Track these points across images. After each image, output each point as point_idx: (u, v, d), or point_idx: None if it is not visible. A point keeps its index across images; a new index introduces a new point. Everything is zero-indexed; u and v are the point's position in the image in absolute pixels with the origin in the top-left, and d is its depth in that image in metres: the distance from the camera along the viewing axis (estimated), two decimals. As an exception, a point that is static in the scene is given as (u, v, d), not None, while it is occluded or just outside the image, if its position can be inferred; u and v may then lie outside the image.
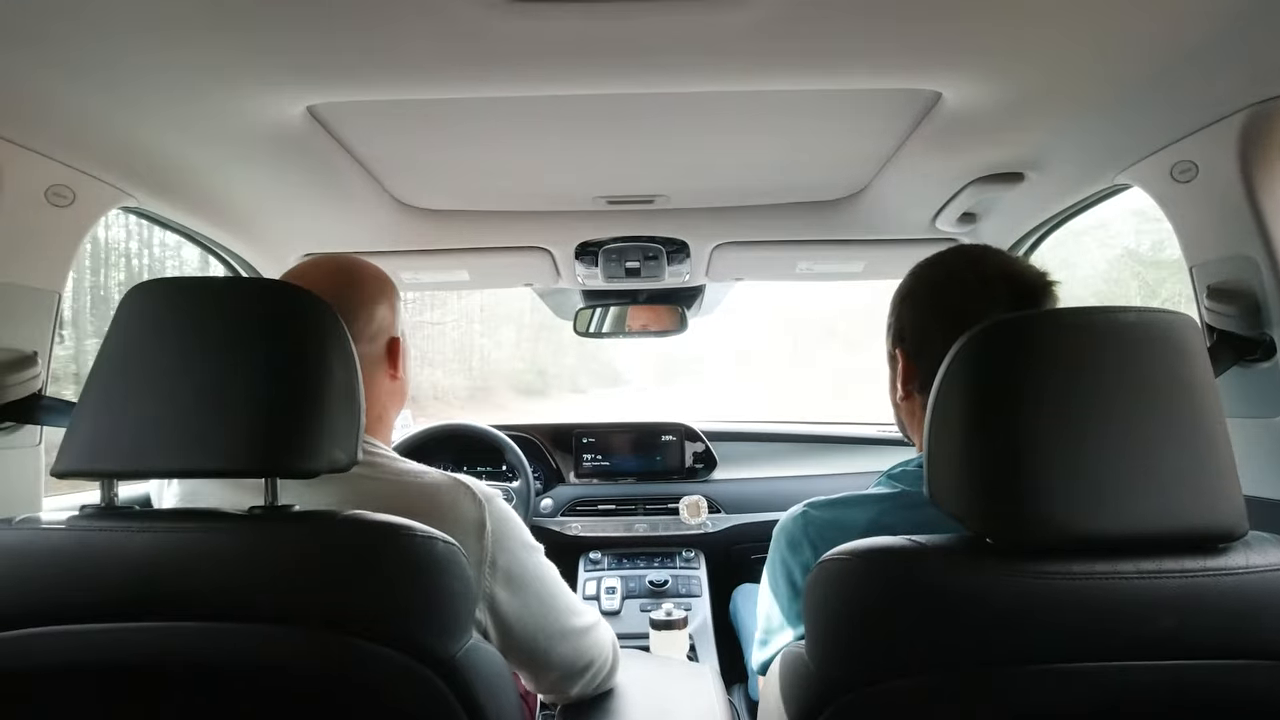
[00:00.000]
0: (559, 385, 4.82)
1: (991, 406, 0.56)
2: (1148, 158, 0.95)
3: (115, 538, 0.58)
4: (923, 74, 0.80)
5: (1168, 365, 0.56)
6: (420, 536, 0.60)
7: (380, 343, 0.85)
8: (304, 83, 0.79)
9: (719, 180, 1.24)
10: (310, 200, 1.19)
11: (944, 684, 0.54)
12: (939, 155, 1.05)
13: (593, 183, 1.24)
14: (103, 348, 0.61)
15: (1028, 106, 0.87)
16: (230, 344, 0.60)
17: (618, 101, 0.90)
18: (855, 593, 0.58)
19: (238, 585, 0.57)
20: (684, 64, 0.76)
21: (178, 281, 0.64)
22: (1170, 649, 0.53)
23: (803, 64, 0.77)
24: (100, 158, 0.93)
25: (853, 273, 1.59)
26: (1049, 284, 0.76)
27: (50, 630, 0.56)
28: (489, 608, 0.75)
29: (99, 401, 0.60)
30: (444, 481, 0.76)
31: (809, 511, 0.77)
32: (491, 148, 1.07)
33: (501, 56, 0.74)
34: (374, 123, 0.96)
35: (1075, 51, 0.75)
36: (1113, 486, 0.53)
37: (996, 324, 0.58)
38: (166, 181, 1.04)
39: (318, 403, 0.60)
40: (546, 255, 1.50)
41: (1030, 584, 0.53)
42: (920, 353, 0.80)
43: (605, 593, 1.77)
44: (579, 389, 5.83)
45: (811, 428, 2.17)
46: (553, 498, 1.95)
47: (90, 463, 0.60)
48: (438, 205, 1.35)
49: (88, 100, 0.80)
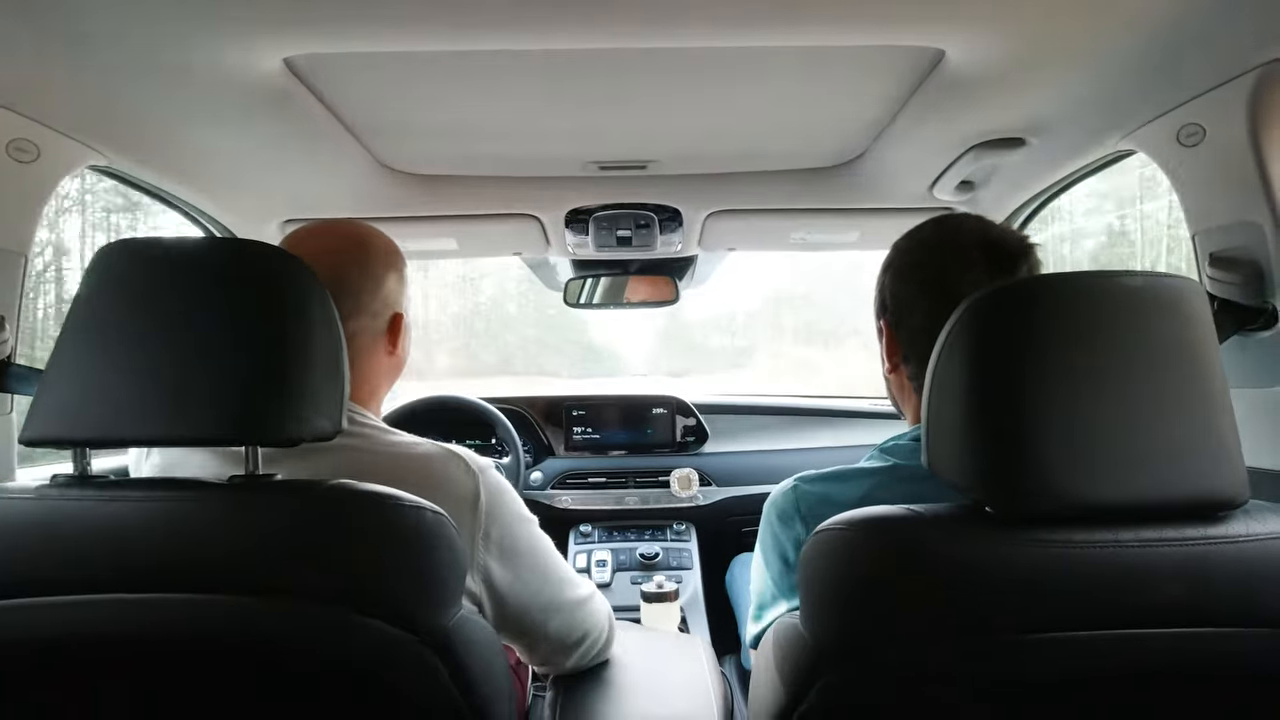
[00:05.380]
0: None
1: (993, 374, 0.55)
2: (1153, 121, 0.93)
3: (85, 507, 0.56)
4: (927, 28, 0.77)
5: (1173, 331, 0.55)
6: (408, 505, 0.59)
7: (384, 317, 0.82)
8: (280, 32, 0.75)
9: (713, 145, 1.21)
10: (290, 162, 1.15)
11: (941, 653, 0.53)
12: (939, 119, 1.03)
13: (583, 147, 1.20)
14: (71, 310, 0.59)
15: (1032, 66, 0.85)
16: (206, 307, 0.58)
17: (609, 60, 0.87)
18: (852, 563, 0.57)
19: (215, 556, 0.55)
20: (678, 13, 0.73)
21: (150, 241, 0.61)
22: (1171, 617, 0.53)
23: (803, 14, 0.74)
24: (65, 112, 0.89)
25: (848, 242, 1.57)
26: (1028, 247, 0.76)
27: (19, 603, 0.54)
28: (483, 580, 0.74)
29: (69, 366, 0.58)
30: (436, 452, 0.74)
31: (799, 485, 0.76)
32: (479, 109, 1.03)
33: (486, 4, 0.70)
34: (356, 79, 0.92)
35: (1083, 10, 0.73)
36: (1114, 454, 0.53)
37: (999, 289, 0.57)
38: (137, 139, 0.99)
39: (298, 368, 0.58)
40: (536, 223, 1.47)
41: (1031, 552, 0.53)
42: (900, 324, 0.79)
43: (596, 565, 1.77)
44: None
45: (803, 401, 2.17)
46: (542, 471, 1.94)
47: (60, 430, 0.58)
48: (423, 170, 1.31)
49: (51, 49, 0.76)
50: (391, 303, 0.83)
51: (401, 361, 0.87)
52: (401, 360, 0.87)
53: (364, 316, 0.79)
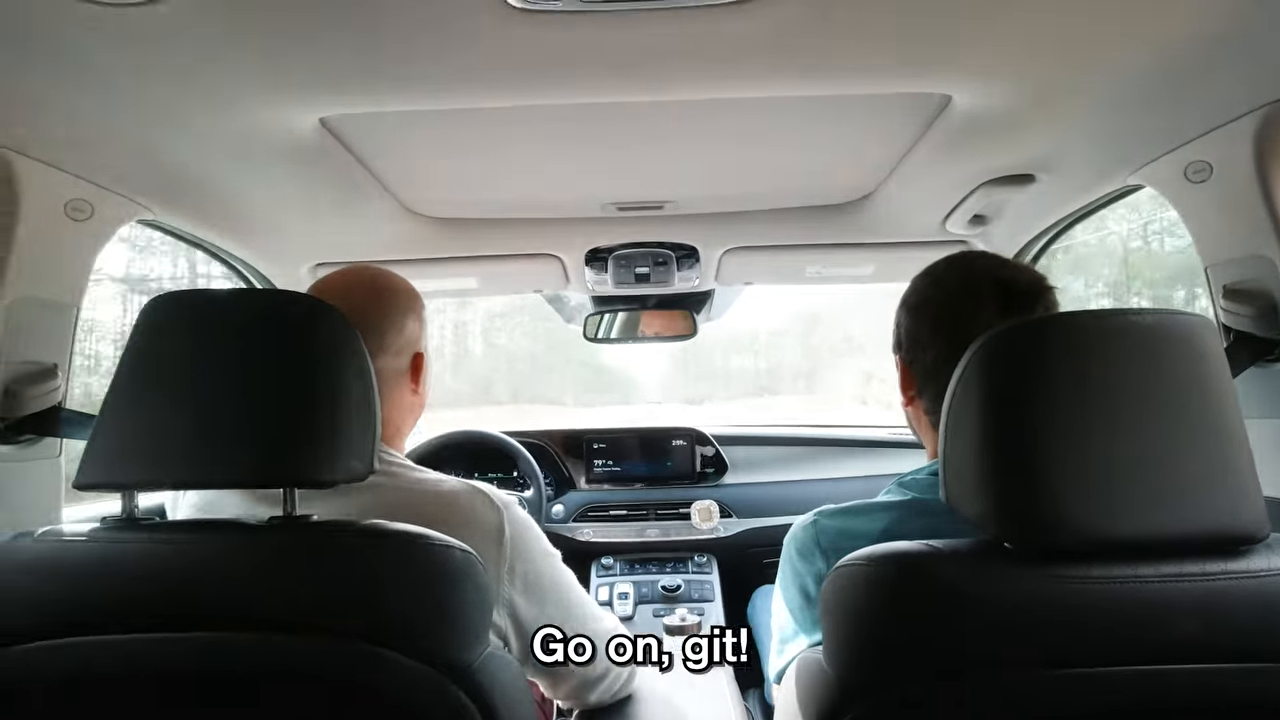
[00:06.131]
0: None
1: (1008, 409, 0.56)
2: (1161, 158, 0.94)
3: (139, 549, 0.59)
4: (933, 77, 0.80)
5: (1186, 368, 0.55)
6: (438, 545, 0.60)
7: (405, 356, 0.85)
8: (317, 95, 0.80)
9: (728, 186, 1.24)
10: (322, 211, 1.20)
11: (961, 688, 0.53)
12: (949, 158, 1.05)
13: (602, 189, 1.24)
14: (122, 359, 0.62)
15: (1039, 108, 0.87)
16: (247, 355, 0.61)
17: (627, 108, 0.91)
18: (873, 598, 0.57)
19: (258, 595, 0.57)
20: (694, 72, 0.77)
21: (196, 293, 0.65)
22: (1192, 653, 0.52)
23: (813, 70, 0.77)
24: (118, 172, 0.94)
25: (863, 275, 1.58)
26: (1044, 289, 0.76)
27: (74, 641, 0.56)
28: (508, 614, 0.75)
29: (120, 413, 0.61)
30: (461, 489, 0.76)
31: (819, 520, 0.77)
32: (502, 156, 1.07)
33: (514, 66, 0.74)
34: (386, 133, 0.97)
35: (1087, 51, 0.75)
36: (1131, 490, 0.53)
37: (1012, 328, 0.58)
38: (181, 194, 1.05)
39: (334, 413, 0.61)
40: (556, 262, 1.50)
41: (1049, 588, 0.53)
42: (914, 360, 0.81)
43: (618, 598, 1.76)
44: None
45: (822, 431, 2.16)
46: (564, 504, 1.95)
47: (112, 475, 0.60)
48: (448, 214, 1.36)
49: (106, 115, 0.81)
50: (413, 343, 0.86)
51: (423, 400, 0.90)
52: (423, 399, 0.90)
53: (388, 355, 0.82)
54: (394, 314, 0.84)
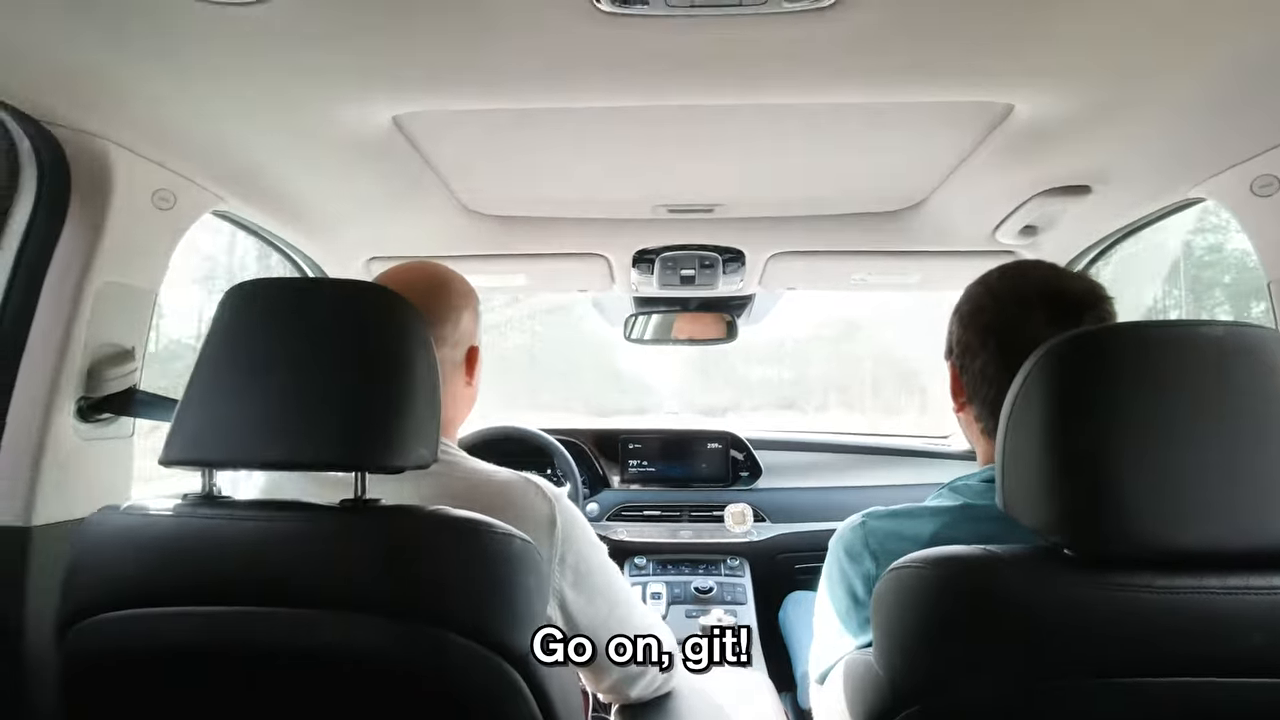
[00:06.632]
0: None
1: (1072, 418, 0.56)
2: (1225, 171, 0.93)
3: (220, 525, 0.61)
4: (997, 85, 0.80)
5: (1256, 380, 0.55)
6: (500, 533, 0.62)
7: (462, 349, 0.88)
8: (399, 93, 0.83)
9: (778, 190, 1.25)
10: (384, 205, 1.23)
11: (1017, 696, 0.53)
12: (1006, 167, 1.05)
13: (656, 191, 1.25)
14: (204, 345, 0.64)
15: (1102, 119, 0.86)
16: (324, 342, 0.63)
17: (689, 110, 0.92)
18: (929, 602, 0.57)
19: (331, 573, 0.60)
20: (772, 76, 0.78)
21: (274, 282, 0.68)
22: (1257, 667, 0.52)
23: (885, 75, 0.77)
24: (201, 162, 0.98)
25: (909, 284, 1.58)
26: (1099, 299, 0.75)
27: (157, 611, 0.59)
28: (558, 603, 0.77)
29: (202, 396, 0.63)
30: (516, 480, 0.79)
31: (868, 521, 0.77)
32: (558, 156, 1.10)
33: (599, 68, 0.76)
34: (450, 131, 1.00)
35: (1154, 61, 0.74)
36: (1197, 500, 0.52)
37: (1075, 336, 0.58)
38: (255, 186, 1.09)
39: (405, 402, 0.63)
40: (603, 261, 1.52)
41: (1111, 596, 0.53)
42: (965, 368, 0.81)
43: (651, 598, 1.77)
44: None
45: (857, 439, 2.15)
46: (598, 502, 1.97)
47: (195, 453, 0.63)
48: (501, 211, 1.39)
49: (198, 108, 0.85)
50: (468, 336, 0.89)
51: (475, 392, 0.93)
52: (475, 391, 0.92)
53: (445, 347, 0.85)
54: (453, 308, 0.87)
